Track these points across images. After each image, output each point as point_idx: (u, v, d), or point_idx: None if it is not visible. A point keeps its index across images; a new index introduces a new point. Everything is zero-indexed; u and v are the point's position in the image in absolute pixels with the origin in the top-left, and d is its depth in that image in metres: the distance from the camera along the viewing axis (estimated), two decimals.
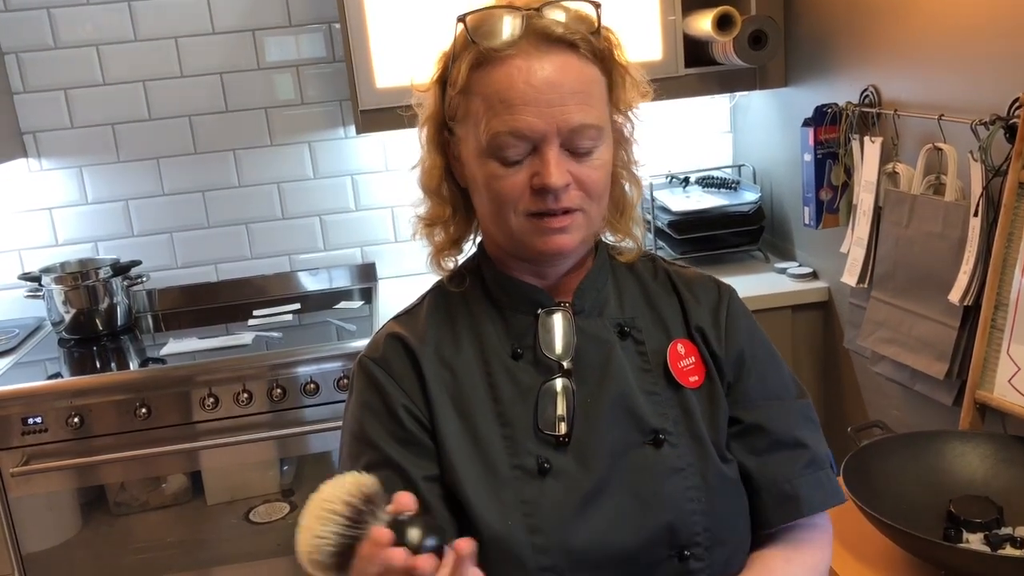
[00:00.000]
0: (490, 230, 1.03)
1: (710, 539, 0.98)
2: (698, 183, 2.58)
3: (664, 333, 1.06)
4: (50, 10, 2.43)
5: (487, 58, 0.94)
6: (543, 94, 0.92)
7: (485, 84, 0.95)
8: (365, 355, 1.05)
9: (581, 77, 0.95)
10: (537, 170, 0.93)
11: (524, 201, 0.95)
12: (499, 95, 0.93)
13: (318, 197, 2.63)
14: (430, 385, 1.00)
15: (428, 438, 0.99)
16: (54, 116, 2.49)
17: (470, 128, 0.97)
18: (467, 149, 0.99)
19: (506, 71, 0.93)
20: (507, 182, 0.94)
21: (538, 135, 0.93)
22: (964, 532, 1.29)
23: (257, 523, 2.19)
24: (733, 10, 2.12)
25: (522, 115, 0.92)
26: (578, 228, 0.97)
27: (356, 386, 1.04)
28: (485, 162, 0.95)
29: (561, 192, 0.94)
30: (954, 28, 1.64)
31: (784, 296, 2.23)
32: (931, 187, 1.72)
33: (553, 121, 0.92)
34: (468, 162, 0.99)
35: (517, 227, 0.97)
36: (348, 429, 1.03)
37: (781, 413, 1.07)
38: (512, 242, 0.99)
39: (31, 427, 2.04)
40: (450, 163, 1.04)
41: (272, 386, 2.10)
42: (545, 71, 0.93)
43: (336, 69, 2.54)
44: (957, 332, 1.62)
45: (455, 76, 0.97)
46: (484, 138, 0.94)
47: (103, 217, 2.57)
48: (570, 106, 0.93)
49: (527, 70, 0.93)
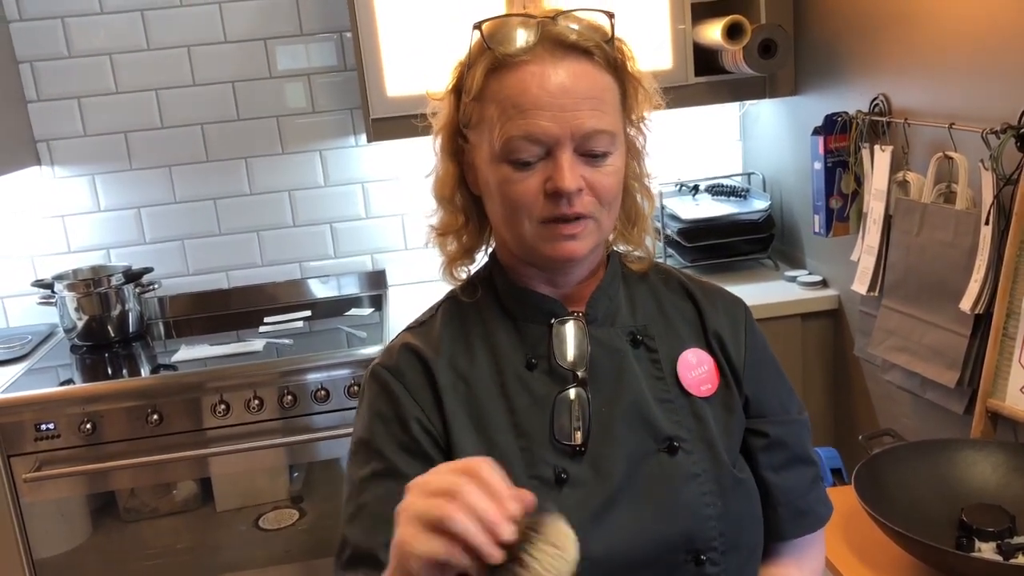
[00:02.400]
0: (503, 237, 1.03)
1: (725, 544, 0.98)
2: (708, 191, 2.59)
3: (677, 340, 1.06)
4: (64, 19, 2.45)
5: (502, 64, 0.95)
6: (557, 99, 0.93)
7: (499, 89, 0.95)
8: (379, 364, 1.05)
9: (595, 84, 0.96)
10: (550, 175, 0.94)
11: (537, 207, 0.95)
12: (513, 100, 0.94)
13: (329, 205, 2.64)
14: (445, 398, 1.00)
15: (438, 452, 0.99)
16: (67, 124, 2.51)
17: (484, 134, 0.97)
18: (481, 155, 0.99)
19: (520, 76, 0.94)
20: (520, 186, 0.95)
21: (552, 139, 0.93)
22: (976, 541, 1.29)
23: (266, 530, 2.19)
24: (743, 19, 2.13)
25: (536, 119, 0.93)
26: (589, 235, 0.97)
27: (368, 394, 1.04)
28: (499, 167, 0.96)
29: (574, 197, 0.94)
30: (964, 36, 1.64)
31: (794, 304, 2.23)
32: (942, 195, 1.72)
33: (567, 126, 0.93)
34: (482, 168, 0.99)
35: (530, 233, 0.97)
36: (357, 436, 1.03)
37: (795, 429, 1.09)
38: (524, 248, 0.99)
39: (43, 433, 2.05)
40: (464, 171, 1.04)
41: (283, 393, 2.10)
42: (559, 77, 0.93)
43: (347, 78, 2.55)
44: (968, 341, 1.61)
45: (470, 83, 0.98)
46: (498, 143, 0.95)
47: (115, 224, 2.59)
48: (584, 111, 0.93)
49: (541, 75, 0.93)
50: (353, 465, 1.02)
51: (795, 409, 1.11)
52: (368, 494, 0.97)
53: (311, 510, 2.20)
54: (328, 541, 2.20)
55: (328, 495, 2.19)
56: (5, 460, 2.05)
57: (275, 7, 2.50)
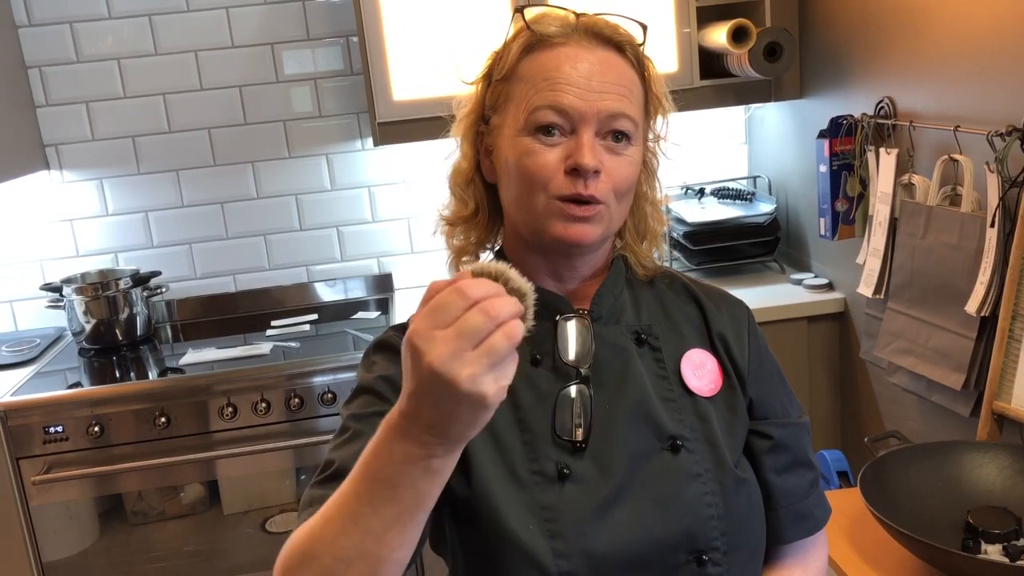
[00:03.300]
0: (513, 221, 1.04)
1: (727, 544, 0.98)
2: (714, 194, 2.59)
3: (681, 341, 1.07)
4: (73, 24, 2.47)
5: (539, 42, 0.99)
6: (587, 79, 0.96)
7: (532, 67, 0.98)
8: (394, 335, 1.04)
9: (624, 75, 0.99)
10: (571, 152, 0.96)
11: (555, 182, 0.96)
12: (545, 75, 0.97)
13: (335, 208, 2.65)
14: None
15: None
16: (76, 129, 2.53)
17: (510, 111, 1.00)
18: (503, 135, 1.01)
19: (555, 55, 0.98)
20: (540, 158, 0.96)
21: (577, 114, 0.95)
22: (982, 543, 1.29)
23: (274, 533, 2.20)
24: (748, 22, 2.13)
25: (565, 93, 0.95)
26: (600, 221, 0.98)
27: (377, 359, 1.02)
28: (521, 140, 0.98)
29: (591, 177, 0.96)
30: (969, 39, 1.64)
31: (800, 307, 2.23)
32: (947, 198, 1.72)
33: (593, 105, 0.95)
34: (502, 147, 1.01)
35: (543, 209, 0.97)
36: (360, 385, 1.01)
37: (797, 432, 1.10)
38: (534, 227, 1.00)
39: (52, 436, 2.06)
40: (480, 160, 1.05)
41: (289, 396, 2.11)
42: (592, 61, 0.97)
43: (353, 82, 2.56)
44: (974, 343, 1.62)
45: (503, 63, 1.01)
46: (524, 115, 0.97)
47: (123, 228, 2.60)
48: (611, 95, 0.96)
49: (575, 57, 0.97)
50: (350, 406, 1.00)
51: (796, 412, 1.12)
52: (363, 424, 0.96)
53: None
54: None
55: None
56: (14, 463, 2.07)
57: (282, 12, 2.52)
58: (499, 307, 0.70)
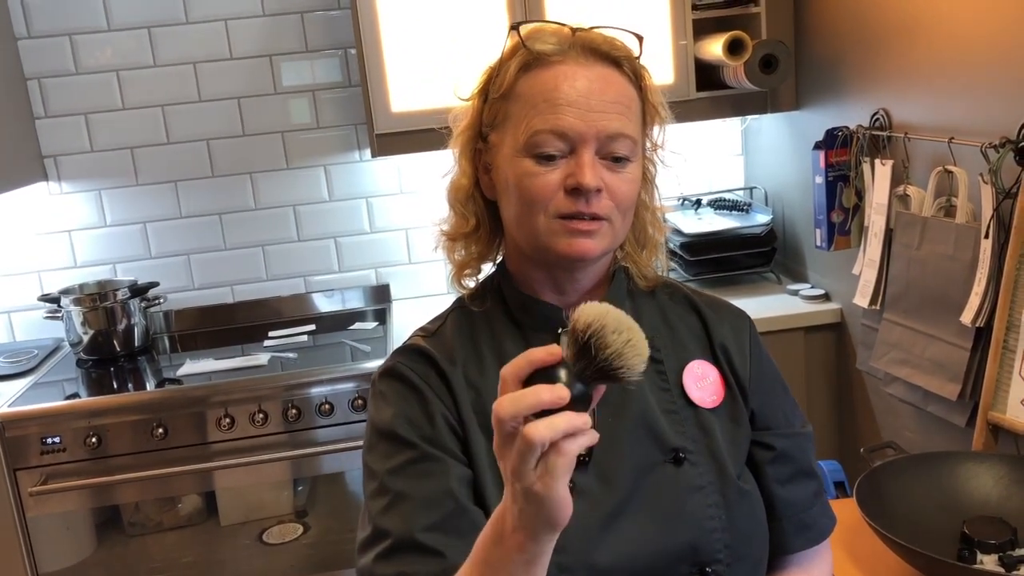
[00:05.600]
0: (515, 238, 1.04)
1: (731, 555, 0.98)
2: (710, 205, 2.60)
3: (683, 352, 1.07)
4: (72, 36, 2.48)
5: (536, 61, 0.98)
6: (585, 98, 0.96)
7: (530, 86, 0.98)
8: (399, 362, 1.04)
9: (622, 91, 0.99)
10: (572, 171, 0.96)
11: (555, 202, 0.97)
12: (543, 95, 0.97)
13: (333, 219, 2.66)
14: (461, 406, 1.01)
15: (460, 451, 0.99)
16: (74, 140, 2.54)
17: (508, 130, 1.00)
18: (502, 153, 1.01)
19: (552, 74, 0.97)
20: (540, 180, 0.96)
21: (577, 136, 0.95)
22: (978, 553, 1.29)
23: (271, 544, 2.20)
24: (744, 34, 2.14)
25: (564, 115, 0.95)
26: (604, 236, 0.98)
27: (387, 390, 1.03)
28: (520, 161, 0.97)
29: (592, 196, 0.96)
30: (964, 51, 1.65)
31: (797, 318, 2.24)
32: (942, 209, 1.73)
33: (593, 126, 0.95)
34: (501, 166, 1.01)
35: (544, 228, 0.98)
36: (380, 428, 1.01)
37: (800, 442, 1.10)
38: (536, 246, 1.00)
39: (49, 447, 2.06)
40: (479, 176, 1.06)
41: (287, 407, 2.11)
42: (589, 79, 0.97)
43: (352, 94, 2.58)
44: (969, 353, 1.62)
45: (500, 81, 1.01)
46: (523, 136, 0.97)
47: (121, 239, 2.60)
48: (610, 114, 0.96)
49: (572, 75, 0.97)
50: (377, 457, 1.00)
51: (799, 422, 1.12)
52: (401, 482, 0.96)
53: (315, 524, 2.20)
54: (332, 555, 2.20)
55: (332, 509, 2.20)
56: (11, 474, 2.06)
57: (280, 24, 2.53)
58: (568, 448, 0.76)
